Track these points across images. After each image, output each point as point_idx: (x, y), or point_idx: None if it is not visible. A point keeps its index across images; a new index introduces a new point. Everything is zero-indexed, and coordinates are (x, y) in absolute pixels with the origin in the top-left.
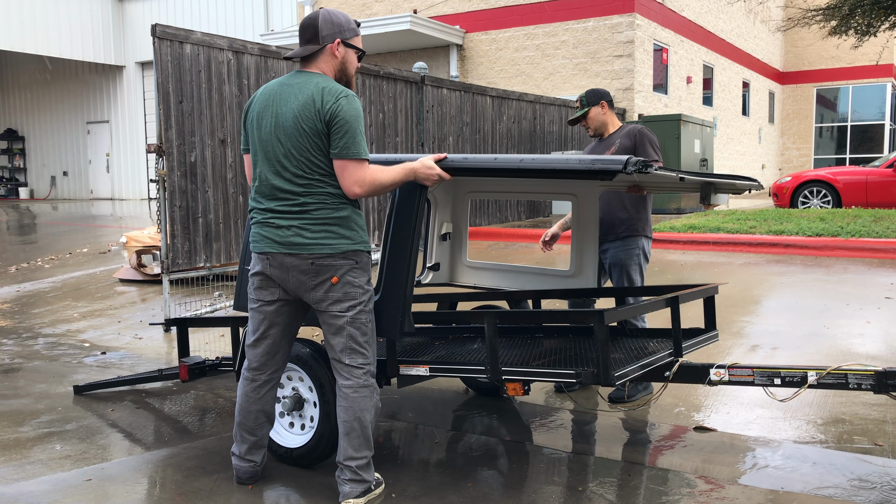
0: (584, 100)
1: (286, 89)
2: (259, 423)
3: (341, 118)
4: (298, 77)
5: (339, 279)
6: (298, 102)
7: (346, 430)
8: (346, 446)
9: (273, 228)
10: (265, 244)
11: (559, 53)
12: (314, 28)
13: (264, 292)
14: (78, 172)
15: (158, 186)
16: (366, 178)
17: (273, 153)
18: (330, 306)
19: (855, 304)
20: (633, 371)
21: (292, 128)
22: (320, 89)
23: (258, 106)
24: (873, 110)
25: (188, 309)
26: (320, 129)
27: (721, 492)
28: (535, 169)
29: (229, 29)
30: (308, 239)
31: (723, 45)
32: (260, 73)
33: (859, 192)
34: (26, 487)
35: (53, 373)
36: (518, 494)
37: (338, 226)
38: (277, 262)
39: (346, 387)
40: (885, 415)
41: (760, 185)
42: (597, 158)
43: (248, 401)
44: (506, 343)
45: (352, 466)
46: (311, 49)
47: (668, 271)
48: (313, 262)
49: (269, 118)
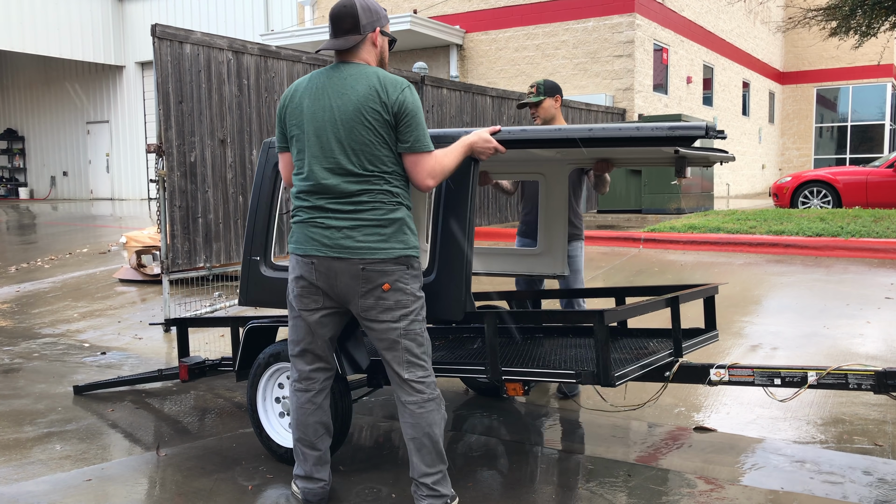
0: (541, 87)
1: (337, 81)
2: (319, 435)
3: (410, 110)
4: (347, 68)
5: (390, 286)
6: (359, 94)
7: (417, 446)
8: (419, 463)
9: (321, 229)
10: (311, 246)
11: (559, 53)
12: (353, 18)
13: (307, 300)
14: (78, 172)
15: (158, 186)
16: (436, 168)
17: (328, 148)
18: (380, 314)
19: (855, 304)
20: (633, 371)
21: (354, 121)
22: (380, 80)
23: (306, 99)
24: (873, 110)
25: (188, 309)
26: (387, 121)
27: (721, 492)
28: (606, 138)
29: (229, 29)
30: (360, 242)
31: (723, 45)
32: (260, 73)
33: (859, 193)
34: (26, 487)
35: (53, 373)
36: (518, 494)
37: (392, 228)
38: (324, 266)
39: (411, 403)
40: (885, 415)
41: (733, 157)
42: (675, 125)
43: (305, 413)
44: (506, 343)
45: (427, 483)
46: (355, 40)
47: (668, 271)
48: (364, 268)
49: (324, 111)
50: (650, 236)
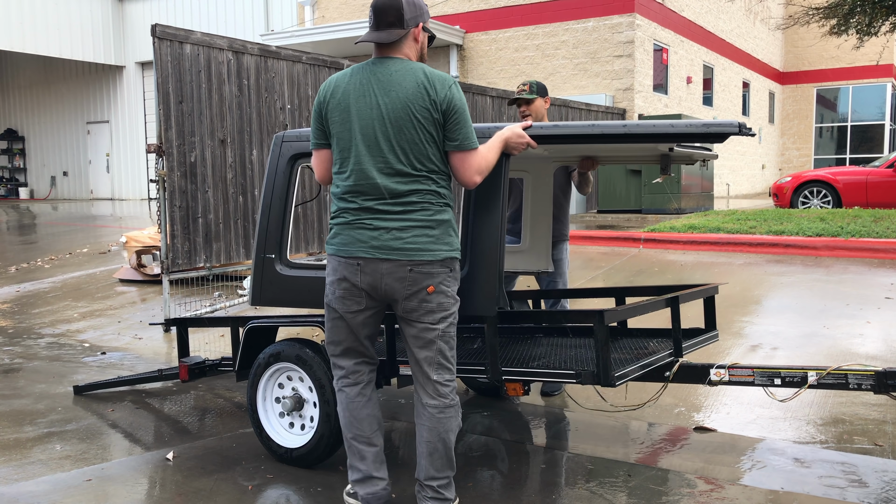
0: (533, 87)
1: (382, 77)
2: (374, 429)
3: (458, 107)
4: (392, 63)
5: (434, 288)
6: (408, 91)
7: (429, 450)
8: (428, 466)
9: (369, 230)
10: (357, 247)
11: (559, 53)
12: (398, 11)
13: (349, 302)
14: (78, 172)
15: (158, 186)
16: (482, 164)
17: (376, 147)
18: (422, 317)
19: (855, 304)
20: (633, 371)
21: (404, 119)
22: (427, 76)
23: (351, 96)
24: (873, 110)
25: (188, 309)
26: (436, 119)
27: (721, 492)
28: (641, 134)
29: (229, 29)
30: (408, 243)
31: (723, 45)
32: (260, 73)
33: (859, 193)
34: (26, 487)
35: (53, 373)
36: (518, 494)
37: (439, 230)
38: (370, 267)
39: (432, 406)
40: (885, 415)
41: (716, 155)
42: (710, 122)
43: (357, 407)
44: (506, 343)
45: (433, 486)
46: (399, 34)
47: (668, 271)
48: (412, 269)
49: (370, 109)
50: (650, 236)
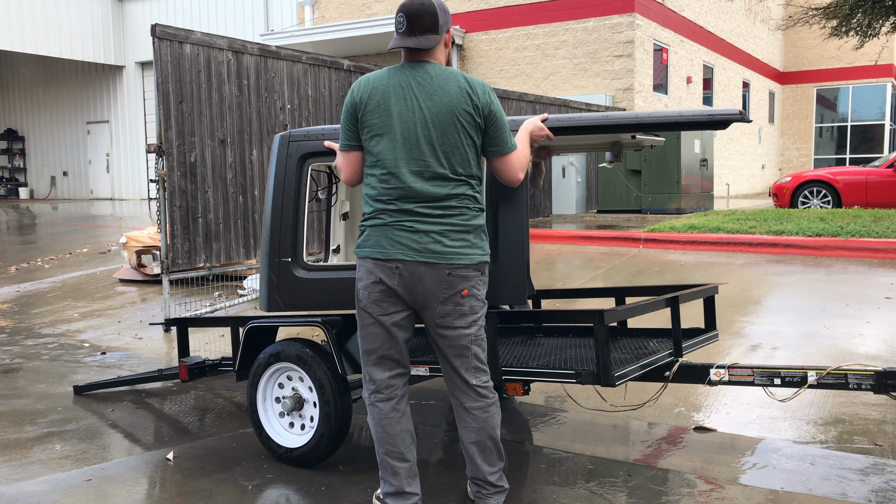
0: None
1: (423, 80)
2: (408, 445)
3: (497, 113)
4: (431, 67)
5: (468, 291)
6: (451, 96)
7: (481, 449)
8: (483, 464)
9: (409, 233)
10: (396, 250)
11: (559, 53)
12: (433, 17)
13: (386, 304)
14: (78, 172)
15: (158, 186)
16: (524, 161)
17: (417, 150)
18: (455, 321)
19: (855, 304)
20: (633, 371)
21: (448, 123)
22: (467, 81)
23: (392, 98)
24: (873, 110)
25: (188, 309)
26: (478, 123)
27: (721, 492)
28: (651, 123)
29: (229, 29)
30: (448, 247)
31: (723, 45)
32: (260, 73)
33: (859, 192)
34: (26, 487)
35: (53, 373)
36: (518, 494)
37: (474, 235)
38: (409, 270)
39: (476, 408)
40: (885, 415)
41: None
42: (713, 111)
43: (391, 423)
44: (506, 343)
45: (492, 481)
46: (436, 40)
47: (668, 271)
48: (450, 273)
49: (412, 112)
50: (650, 236)
